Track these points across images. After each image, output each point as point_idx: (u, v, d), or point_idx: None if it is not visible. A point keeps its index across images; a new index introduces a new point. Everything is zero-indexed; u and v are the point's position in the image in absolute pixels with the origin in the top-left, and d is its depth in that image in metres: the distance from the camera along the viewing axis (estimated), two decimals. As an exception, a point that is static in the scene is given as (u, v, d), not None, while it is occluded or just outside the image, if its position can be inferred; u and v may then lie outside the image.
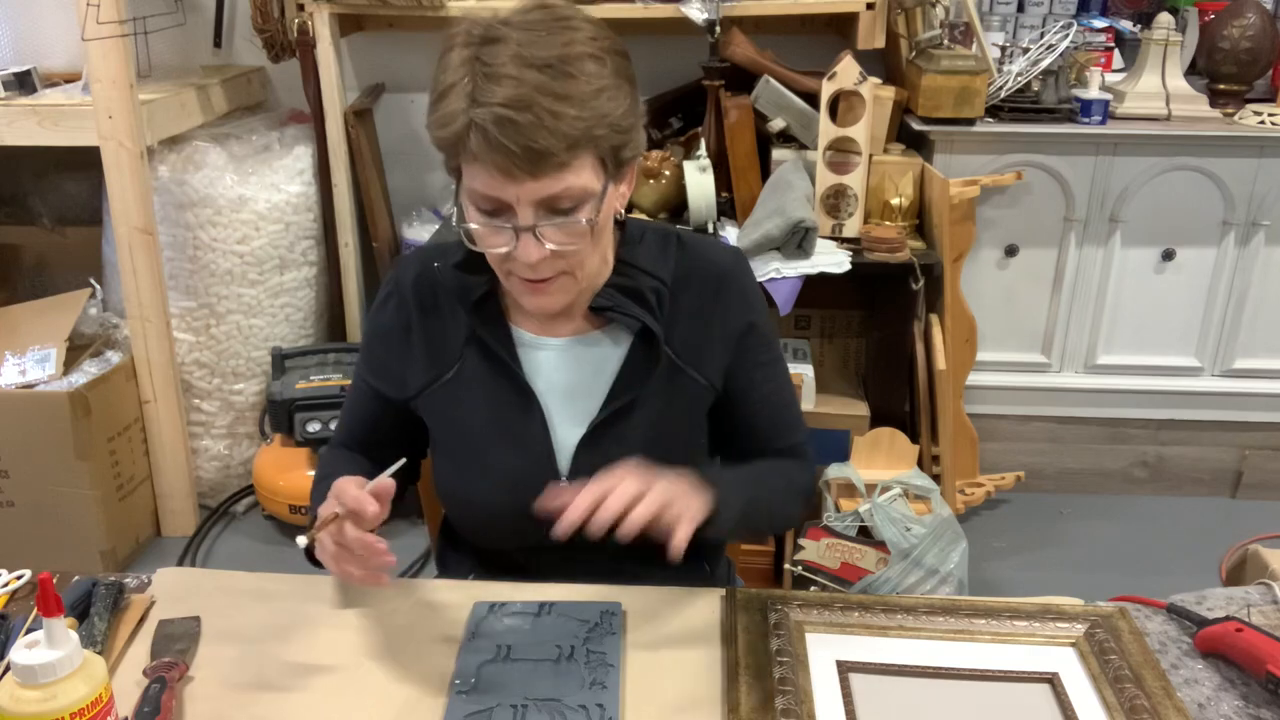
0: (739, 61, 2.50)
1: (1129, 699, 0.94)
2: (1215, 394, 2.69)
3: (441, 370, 1.17)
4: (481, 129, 0.94)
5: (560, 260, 1.03)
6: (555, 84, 0.95)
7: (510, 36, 0.96)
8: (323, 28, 2.59)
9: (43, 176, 2.93)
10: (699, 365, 1.16)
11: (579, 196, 1.00)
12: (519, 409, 1.14)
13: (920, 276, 2.30)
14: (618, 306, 1.12)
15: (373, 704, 0.96)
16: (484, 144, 0.94)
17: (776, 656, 0.99)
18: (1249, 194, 2.51)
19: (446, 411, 1.18)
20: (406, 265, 1.20)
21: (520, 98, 0.93)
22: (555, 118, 0.94)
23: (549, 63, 0.95)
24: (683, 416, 1.18)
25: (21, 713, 0.78)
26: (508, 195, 0.98)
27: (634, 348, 1.14)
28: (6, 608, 1.10)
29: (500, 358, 1.14)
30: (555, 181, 0.97)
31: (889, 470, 2.30)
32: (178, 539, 2.61)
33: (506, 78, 0.94)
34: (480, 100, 0.94)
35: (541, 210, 0.99)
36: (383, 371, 1.20)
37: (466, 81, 0.96)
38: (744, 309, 1.18)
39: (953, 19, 2.54)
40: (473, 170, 0.99)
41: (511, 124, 0.93)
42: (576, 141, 0.96)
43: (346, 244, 2.78)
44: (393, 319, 1.19)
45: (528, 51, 0.95)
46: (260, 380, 2.73)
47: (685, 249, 1.18)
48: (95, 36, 2.22)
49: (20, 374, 2.37)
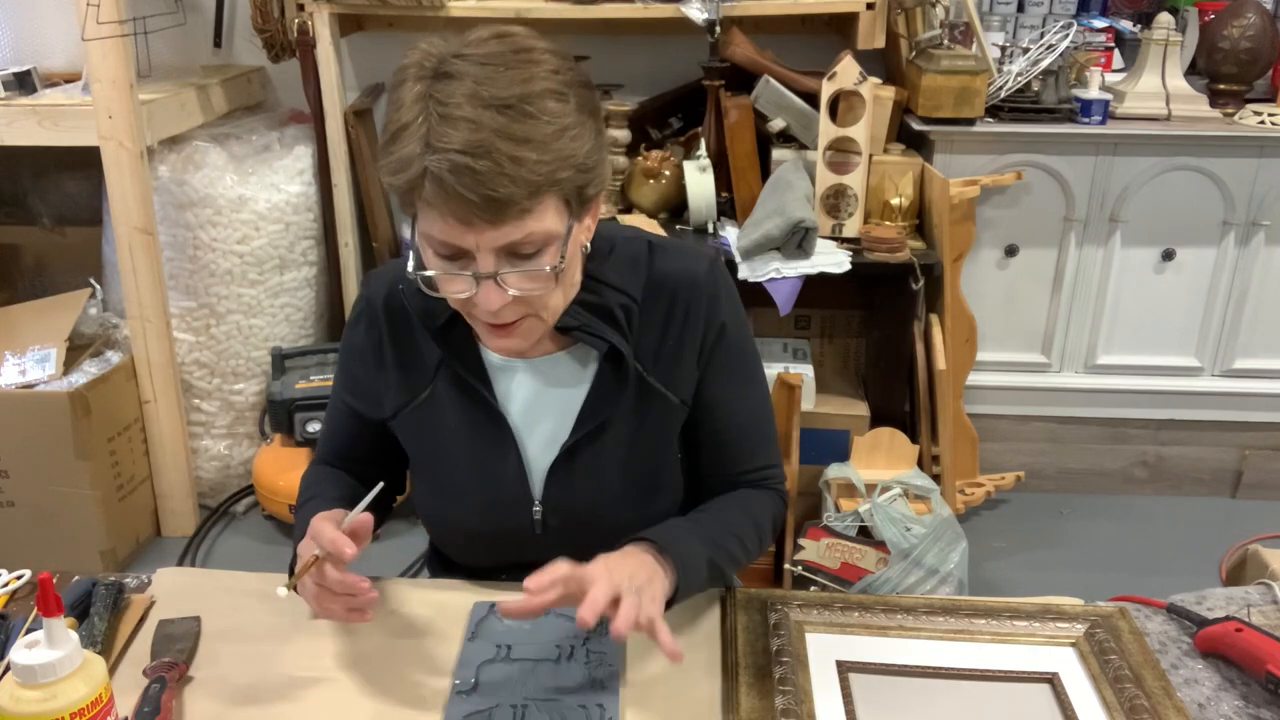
0: (739, 61, 2.50)
1: (1129, 699, 0.94)
2: (1215, 394, 2.69)
3: (415, 393, 1.14)
4: (437, 178, 0.88)
5: (523, 304, 0.98)
6: (515, 126, 0.89)
7: (466, 72, 0.90)
8: (323, 28, 2.59)
9: (43, 176, 2.93)
10: (670, 382, 1.12)
11: (541, 241, 0.94)
12: (491, 433, 1.12)
13: (920, 276, 2.30)
14: (585, 326, 1.07)
15: (373, 704, 0.96)
16: (440, 193, 0.89)
17: (776, 656, 0.99)
18: (1249, 194, 2.51)
19: (421, 434, 1.15)
20: (377, 283, 1.15)
21: (478, 143, 0.87)
22: (516, 164, 0.88)
23: (508, 103, 0.89)
24: (655, 436, 1.14)
25: (21, 713, 0.78)
26: (466, 243, 0.92)
27: (603, 367, 1.10)
28: (6, 608, 1.10)
29: (470, 381, 1.10)
30: (517, 229, 0.92)
31: (889, 470, 2.30)
32: (178, 539, 2.61)
33: (463, 120, 0.88)
34: (435, 145, 0.88)
35: (503, 257, 0.94)
36: (358, 391, 1.18)
37: (420, 123, 0.89)
38: (713, 317, 1.12)
39: (953, 19, 2.54)
40: (429, 217, 0.92)
41: (469, 171, 0.87)
42: (539, 187, 0.90)
43: (346, 244, 2.78)
44: (364, 339, 1.15)
45: (485, 90, 0.89)
46: (260, 380, 2.73)
47: (655, 258, 1.12)
48: (95, 36, 2.22)
49: (20, 374, 2.37)
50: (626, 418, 1.11)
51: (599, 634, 1.04)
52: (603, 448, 1.11)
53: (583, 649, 1.02)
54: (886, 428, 2.32)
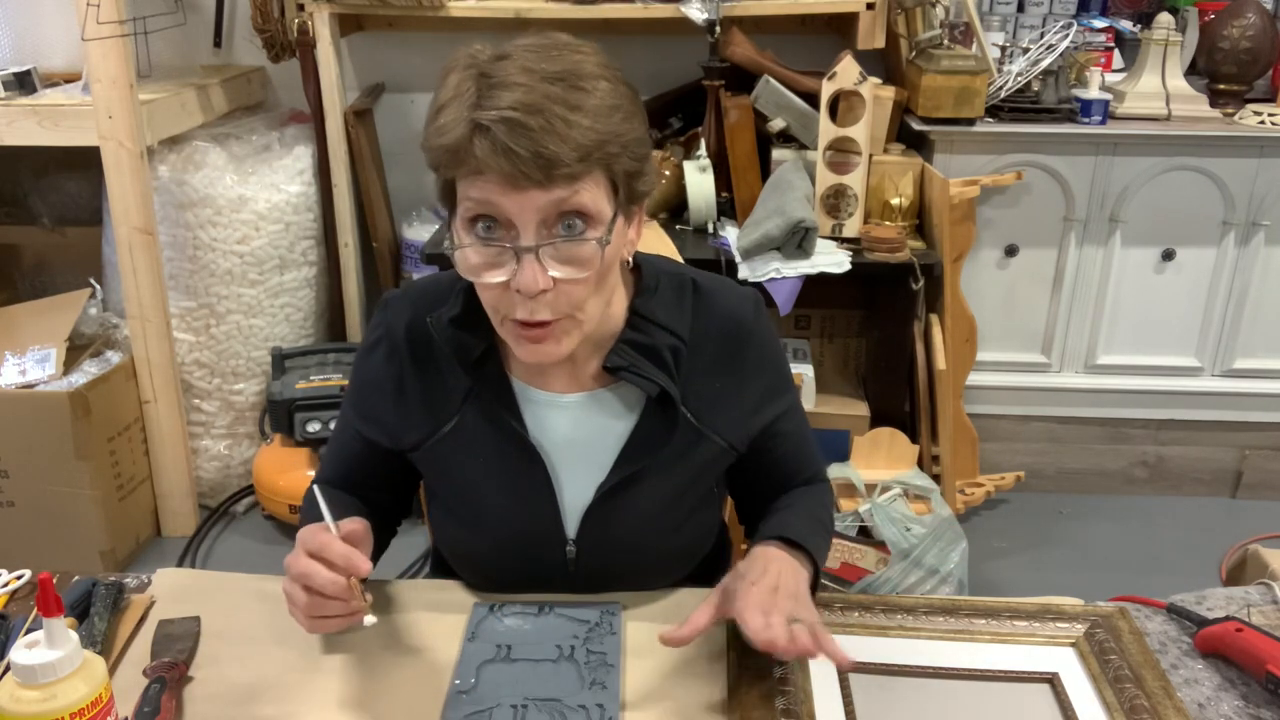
0: (739, 61, 2.50)
1: (1129, 699, 0.94)
2: (1215, 394, 2.69)
3: (440, 424, 1.09)
4: (487, 132, 0.86)
5: (562, 299, 0.93)
6: (568, 94, 0.88)
7: (517, 54, 0.90)
8: (323, 28, 2.59)
9: (43, 176, 2.93)
10: (718, 427, 1.09)
11: (588, 214, 0.91)
12: (523, 468, 1.07)
13: (920, 276, 2.30)
14: (633, 367, 1.03)
15: (372, 704, 0.96)
16: (489, 149, 0.86)
17: (776, 657, 0.99)
18: (1249, 194, 2.51)
19: (444, 466, 1.11)
20: (397, 310, 1.10)
21: (531, 103, 0.86)
22: (567, 125, 0.87)
23: (560, 75, 0.88)
24: (698, 478, 1.12)
25: (21, 713, 0.78)
26: (510, 208, 0.89)
27: (649, 409, 1.06)
28: (6, 608, 1.09)
29: (503, 415, 1.06)
30: (564, 192, 0.88)
31: (889, 470, 2.30)
32: (178, 539, 2.61)
33: (515, 84, 0.87)
34: (486, 105, 0.86)
35: (545, 229, 0.90)
36: (373, 420, 1.13)
37: (471, 91, 0.88)
38: (765, 366, 1.12)
39: (953, 19, 2.54)
40: (471, 182, 0.89)
41: (521, 127, 0.85)
42: (589, 152, 0.88)
43: (346, 244, 2.78)
44: (383, 369, 1.10)
45: (536, 65, 0.88)
46: (260, 380, 2.73)
47: (702, 298, 1.09)
48: (95, 36, 2.22)
49: (20, 374, 2.37)
50: (672, 463, 1.08)
51: (598, 634, 1.04)
52: (643, 490, 1.08)
53: (583, 649, 1.02)
54: (886, 428, 2.32)
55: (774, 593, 0.96)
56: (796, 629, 0.91)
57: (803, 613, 0.94)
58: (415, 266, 2.80)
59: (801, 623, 0.92)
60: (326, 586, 0.92)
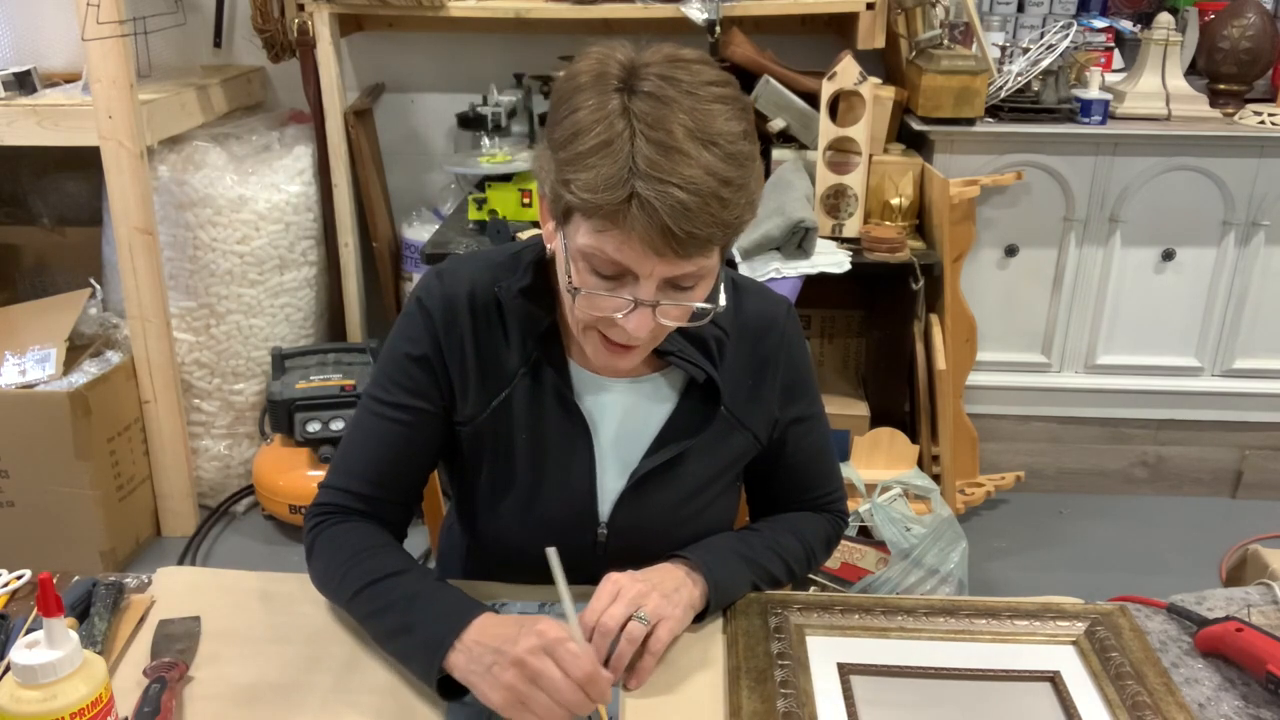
0: (739, 61, 2.50)
1: (1131, 696, 0.94)
2: (1215, 394, 2.69)
3: (492, 395, 1.09)
4: (649, 206, 0.86)
5: (659, 332, 0.99)
6: (726, 169, 0.89)
7: (669, 96, 0.89)
8: (323, 28, 2.59)
9: (43, 176, 2.93)
10: (750, 420, 1.14)
11: (703, 276, 0.96)
12: (570, 447, 1.09)
13: (920, 276, 2.30)
14: (681, 352, 1.07)
15: (373, 704, 0.96)
16: (646, 222, 0.87)
17: (777, 660, 0.99)
18: (1249, 194, 2.51)
19: (491, 440, 1.11)
20: (455, 280, 1.09)
21: (698, 183, 0.87)
22: (724, 207, 0.89)
23: (714, 140, 0.89)
24: (727, 470, 1.16)
25: (21, 713, 0.78)
26: (642, 269, 0.91)
27: (689, 395, 1.11)
28: (6, 608, 1.09)
29: (560, 393, 1.08)
30: (694, 263, 0.92)
31: (889, 470, 2.30)
32: (178, 539, 2.61)
33: (680, 154, 0.87)
34: (651, 174, 0.87)
35: (664, 287, 0.94)
36: (422, 395, 1.10)
37: (627, 139, 0.88)
38: (794, 364, 1.16)
39: (953, 19, 2.54)
40: (611, 236, 0.90)
41: (684, 210, 0.87)
42: (734, 231, 0.93)
43: (346, 244, 2.78)
44: (445, 337, 1.08)
45: (694, 121, 0.88)
46: (260, 380, 2.73)
47: (740, 295, 1.14)
48: (95, 36, 2.21)
49: (20, 374, 2.37)
50: (705, 448, 1.12)
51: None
52: (677, 475, 1.12)
53: (583, 649, 1.02)
54: (886, 428, 2.32)
55: (643, 583, 1.00)
56: (632, 625, 0.96)
57: (665, 610, 0.99)
58: (415, 266, 2.80)
59: (646, 621, 0.97)
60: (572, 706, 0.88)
